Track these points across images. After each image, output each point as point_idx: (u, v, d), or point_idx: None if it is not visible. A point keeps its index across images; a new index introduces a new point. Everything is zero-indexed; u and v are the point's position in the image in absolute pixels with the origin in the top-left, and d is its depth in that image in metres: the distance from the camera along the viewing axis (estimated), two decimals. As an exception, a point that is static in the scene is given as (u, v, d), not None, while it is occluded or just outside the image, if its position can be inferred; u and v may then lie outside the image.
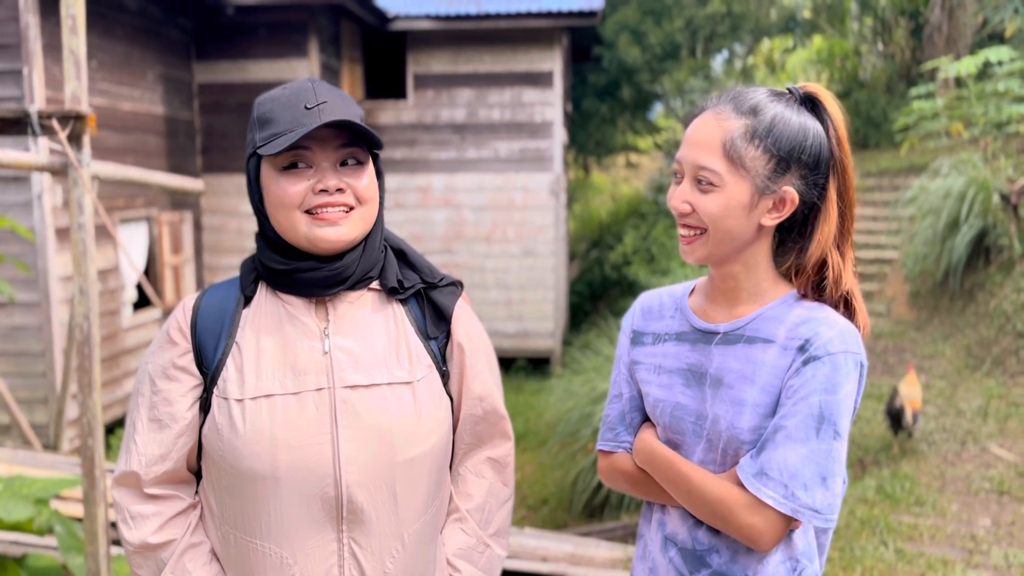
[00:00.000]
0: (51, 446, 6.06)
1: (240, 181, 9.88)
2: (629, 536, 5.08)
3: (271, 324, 1.35)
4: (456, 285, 1.47)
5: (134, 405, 1.37)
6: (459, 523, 1.45)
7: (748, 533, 1.26)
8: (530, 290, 11.12)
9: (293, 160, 1.30)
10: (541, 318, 11.10)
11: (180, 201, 9.23)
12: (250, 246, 9.95)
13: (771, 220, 1.31)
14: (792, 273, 1.36)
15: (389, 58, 12.16)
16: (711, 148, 1.28)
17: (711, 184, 1.28)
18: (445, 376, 1.42)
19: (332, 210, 1.30)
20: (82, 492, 2.59)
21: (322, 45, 9.80)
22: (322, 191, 1.30)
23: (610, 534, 5.16)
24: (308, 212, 1.30)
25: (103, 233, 7.49)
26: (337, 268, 1.33)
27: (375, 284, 1.40)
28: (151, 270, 8.75)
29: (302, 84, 1.33)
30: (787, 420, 1.25)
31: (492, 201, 11.07)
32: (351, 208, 1.32)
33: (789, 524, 1.27)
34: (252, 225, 9.98)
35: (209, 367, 1.34)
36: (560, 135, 11.14)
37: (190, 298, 1.42)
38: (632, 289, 11.73)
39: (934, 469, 5.00)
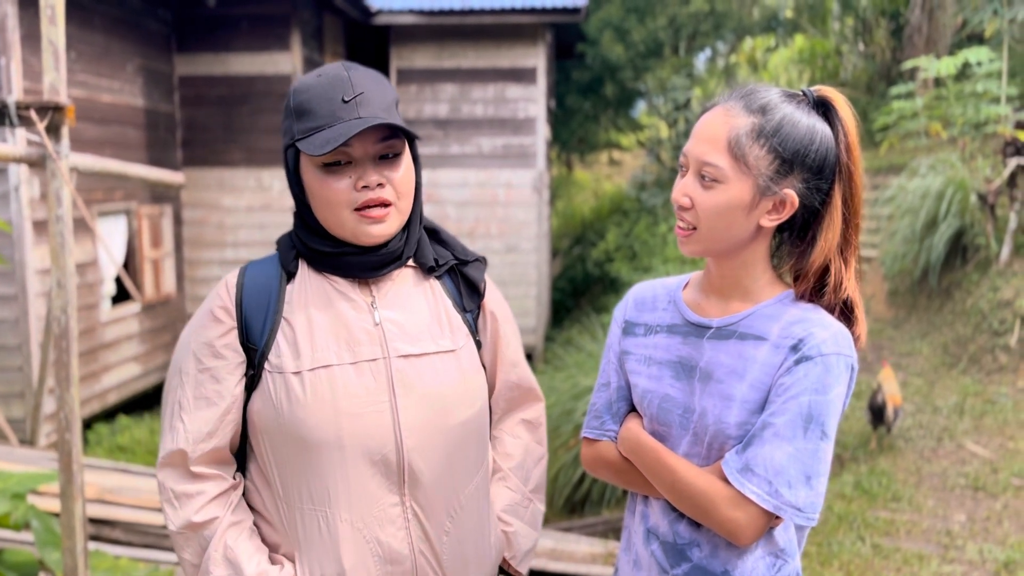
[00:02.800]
0: (27, 441, 6.01)
1: (221, 175, 9.81)
2: (610, 531, 5.10)
3: (319, 300, 1.38)
4: (481, 261, 1.54)
5: (177, 384, 1.38)
6: (503, 481, 1.54)
7: (729, 527, 1.26)
8: (512, 286, 11.13)
9: (335, 158, 1.32)
10: (523, 314, 11.11)
11: (160, 194, 9.15)
12: (231, 240, 9.88)
13: (770, 221, 1.30)
14: (792, 275, 1.36)
15: (372, 52, 12.10)
16: (716, 144, 1.28)
17: (714, 180, 1.28)
18: (479, 346, 1.49)
19: (375, 208, 1.34)
20: (59, 487, 2.56)
21: (305, 39, 9.75)
22: (364, 187, 1.33)
23: (591, 529, 5.18)
24: (355, 209, 1.34)
25: (81, 226, 7.41)
26: (383, 254, 1.39)
27: (411, 262, 1.46)
28: (130, 264, 8.67)
29: (337, 72, 1.33)
30: (776, 418, 1.26)
31: (475, 197, 11.06)
32: (390, 203, 1.36)
33: (770, 521, 1.27)
34: (233, 219, 9.91)
35: (257, 344, 1.36)
36: (543, 131, 11.14)
37: (231, 275, 1.44)
38: (614, 286, 11.76)
39: (911, 465, 5.06)
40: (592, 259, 13.61)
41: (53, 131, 2.49)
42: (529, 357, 11.31)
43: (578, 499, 6.16)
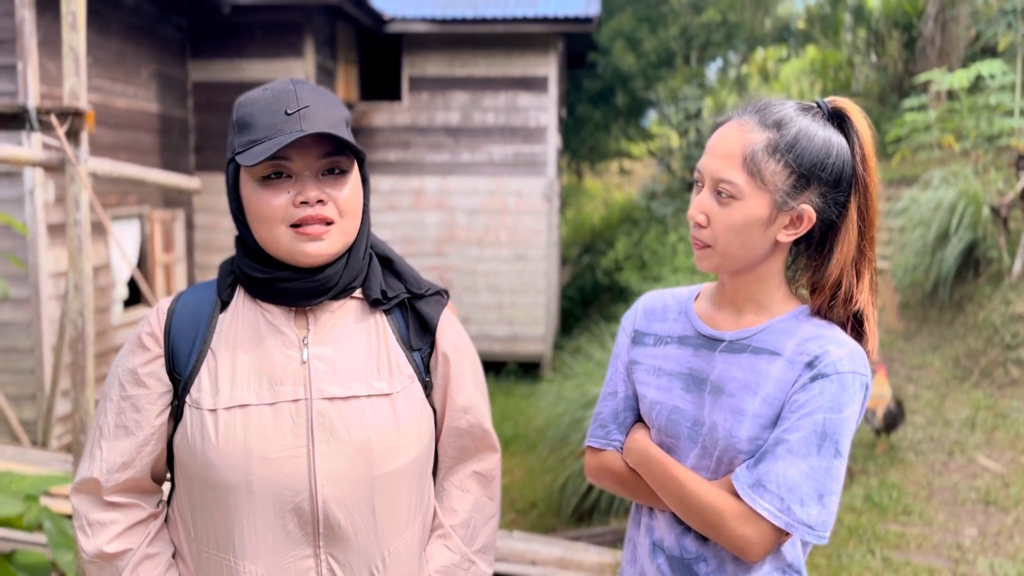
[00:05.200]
0: (39, 442, 6.04)
1: (233, 180, 9.85)
2: (618, 541, 5.09)
3: (248, 331, 1.30)
4: (441, 294, 1.43)
5: (101, 409, 1.33)
6: (443, 539, 1.42)
7: (739, 543, 1.25)
8: (521, 294, 11.13)
9: (273, 170, 1.25)
10: (532, 322, 11.11)
11: (173, 199, 9.20)
12: (242, 245, 9.92)
13: (787, 236, 1.29)
14: (808, 288, 1.34)
15: (385, 60, 12.16)
16: (732, 160, 1.26)
17: (731, 196, 1.26)
18: (428, 387, 1.39)
19: (313, 225, 1.26)
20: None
21: (318, 46, 9.80)
22: (303, 203, 1.25)
23: (599, 538, 5.17)
24: (291, 225, 1.26)
25: (95, 229, 7.46)
26: (319, 279, 1.29)
27: (358, 293, 1.36)
28: (142, 268, 8.73)
29: (283, 86, 1.27)
30: (789, 434, 1.24)
31: (485, 205, 11.08)
32: (331, 222, 1.27)
33: (780, 537, 1.26)
34: (244, 224, 9.96)
35: (181, 374, 1.29)
36: (554, 140, 11.17)
37: (164, 301, 1.36)
38: (623, 295, 11.76)
39: (921, 479, 5.03)
40: (601, 268, 13.62)
41: (72, 136, 2.52)
42: (537, 365, 11.31)
43: (586, 508, 6.15)
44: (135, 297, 8.62)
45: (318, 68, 9.80)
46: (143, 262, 8.71)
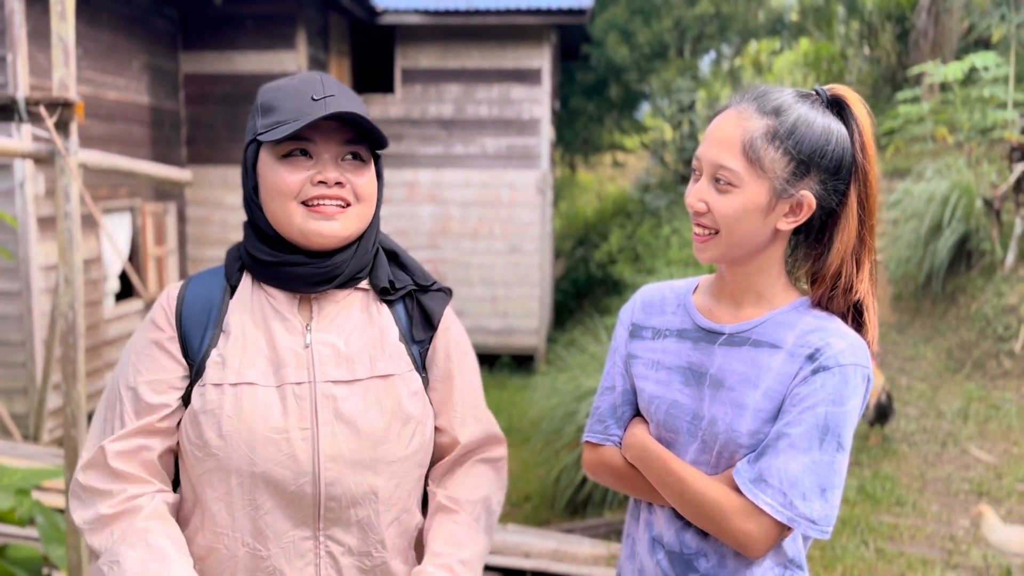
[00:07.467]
0: (31, 436, 6.01)
1: (225, 173, 9.81)
2: (612, 533, 5.09)
3: (255, 316, 1.32)
4: (445, 292, 1.44)
5: (112, 391, 1.31)
6: (454, 514, 1.40)
7: (741, 539, 1.24)
8: (515, 287, 11.12)
9: (295, 148, 1.28)
10: (526, 315, 11.10)
11: (164, 192, 9.16)
12: (234, 238, 9.88)
13: (787, 224, 1.27)
14: (808, 279, 1.33)
15: (377, 52, 12.11)
16: (731, 147, 1.24)
17: (729, 184, 1.25)
18: (425, 381, 1.39)
19: (328, 203, 1.28)
20: (64, 483, 2.56)
21: (310, 37, 9.75)
22: (321, 183, 1.27)
23: (593, 531, 5.17)
24: (304, 204, 1.28)
25: (86, 223, 7.42)
26: (326, 266, 1.30)
27: (364, 284, 1.37)
28: (134, 261, 8.69)
29: (311, 76, 1.31)
30: (791, 428, 1.23)
31: (479, 197, 11.06)
32: (348, 204, 1.29)
33: (782, 532, 1.25)
34: (236, 217, 9.91)
35: (195, 358, 1.30)
36: (547, 132, 11.14)
37: (174, 286, 1.37)
38: (617, 288, 11.75)
39: (914, 470, 5.05)
40: (595, 261, 13.62)
41: (62, 127, 2.49)
42: (531, 358, 11.31)
43: (580, 501, 6.15)
44: (127, 290, 8.58)
45: (310, 60, 9.75)
46: (135, 255, 8.67)
